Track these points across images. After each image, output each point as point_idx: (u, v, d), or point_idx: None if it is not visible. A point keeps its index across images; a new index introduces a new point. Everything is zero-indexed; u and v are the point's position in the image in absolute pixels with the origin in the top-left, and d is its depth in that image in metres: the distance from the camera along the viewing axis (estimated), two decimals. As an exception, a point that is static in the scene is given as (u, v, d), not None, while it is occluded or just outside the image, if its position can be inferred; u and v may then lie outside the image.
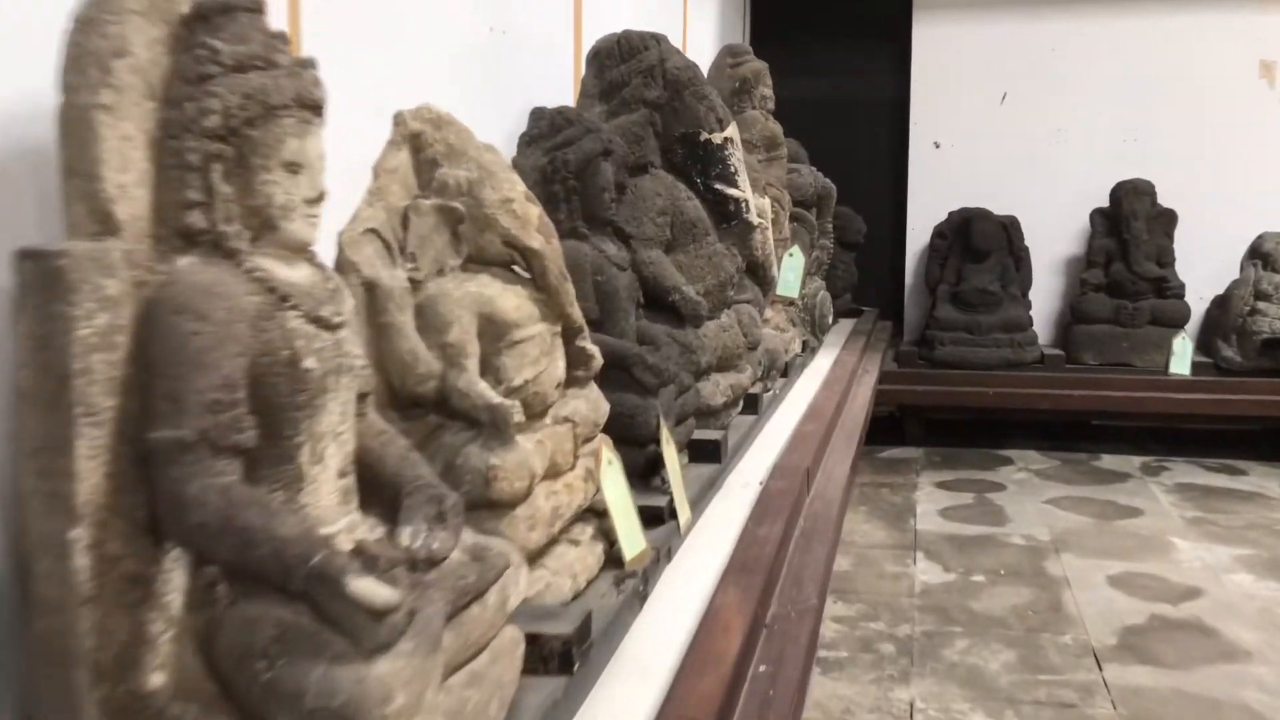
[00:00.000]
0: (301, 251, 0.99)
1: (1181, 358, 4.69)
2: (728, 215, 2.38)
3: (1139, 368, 4.77)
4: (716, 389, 2.30)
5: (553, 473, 1.41)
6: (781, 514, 1.82)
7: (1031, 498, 4.23)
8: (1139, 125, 5.21)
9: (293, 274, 0.97)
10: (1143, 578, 3.30)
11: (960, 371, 4.87)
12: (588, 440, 1.54)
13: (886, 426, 4.86)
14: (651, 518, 1.70)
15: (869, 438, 3.55)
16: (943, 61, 5.40)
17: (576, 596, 1.39)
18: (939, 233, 5.15)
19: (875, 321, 5.35)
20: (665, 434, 1.77)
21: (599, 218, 1.92)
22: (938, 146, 5.46)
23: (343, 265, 1.27)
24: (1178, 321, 4.79)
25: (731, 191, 2.36)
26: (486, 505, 1.28)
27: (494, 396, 1.29)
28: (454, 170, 1.38)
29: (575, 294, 1.83)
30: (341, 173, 1.27)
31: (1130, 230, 4.86)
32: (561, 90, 2.55)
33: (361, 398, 1.08)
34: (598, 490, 1.51)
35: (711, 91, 2.37)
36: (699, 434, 2.15)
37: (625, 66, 2.34)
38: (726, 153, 2.36)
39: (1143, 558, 3.49)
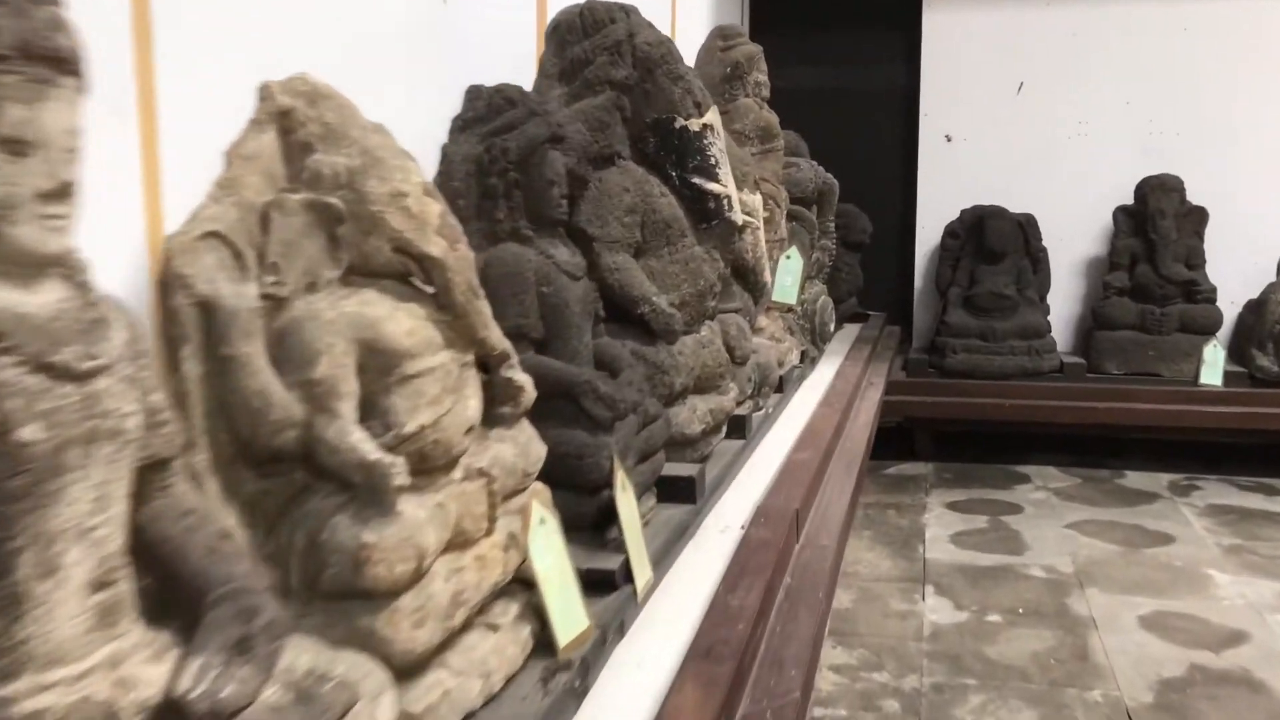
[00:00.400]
0: (42, 266, 0.70)
1: (1213, 367, 4.41)
2: (707, 214, 2.09)
3: (1166, 378, 4.51)
4: (693, 415, 2.01)
5: (459, 542, 1.12)
6: (762, 574, 1.53)
7: (1051, 521, 3.93)
8: (1166, 116, 4.92)
9: (21, 301, 0.68)
10: (1178, 618, 3.00)
11: (973, 381, 4.62)
12: (514, 494, 1.25)
13: (894, 438, 4.58)
14: (600, 583, 1.41)
15: (874, 451, 3.27)
16: (955, 48, 5.14)
17: (489, 702, 1.11)
18: (950, 232, 4.89)
19: (882, 327, 5.08)
20: (621, 478, 1.48)
21: (547, 217, 1.64)
22: (949, 140, 5.20)
23: (169, 280, 0.98)
24: (1209, 328, 4.52)
25: (711, 186, 2.07)
26: (359, 594, 0.99)
27: (370, 450, 1.00)
28: (331, 156, 1.09)
29: (515, 309, 1.55)
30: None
31: (1157, 229, 4.58)
32: (522, 70, 2.26)
33: (160, 465, 0.79)
34: (525, 559, 1.22)
35: (688, 71, 2.08)
36: (670, 469, 1.86)
37: (589, 42, 2.05)
38: (706, 142, 2.07)
39: (1177, 594, 3.19)
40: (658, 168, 2.06)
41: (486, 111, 1.64)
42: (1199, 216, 4.66)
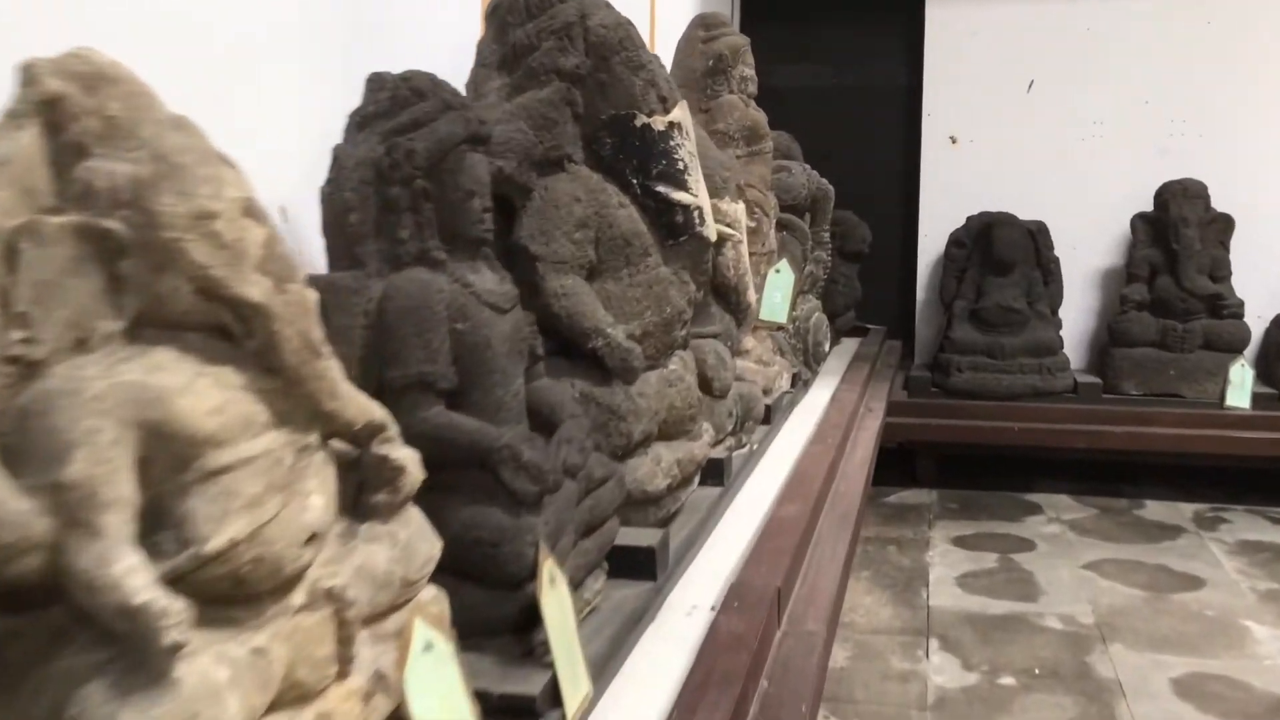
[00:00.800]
0: None
1: (1240, 388, 4.15)
2: (675, 228, 1.80)
3: (1189, 399, 4.25)
4: (657, 468, 1.72)
5: (293, 698, 0.82)
6: (731, 684, 1.24)
7: (1067, 560, 3.64)
8: (1189, 117, 4.66)
9: None
10: (1215, 681, 2.70)
11: (980, 403, 4.35)
12: (389, 614, 0.96)
13: (894, 461, 4.30)
14: (520, 712, 1.12)
15: (873, 477, 2.99)
16: (960, 43, 4.89)
17: None
18: (956, 241, 4.64)
19: (882, 342, 4.81)
20: (549, 568, 1.18)
21: (465, 235, 1.34)
22: (954, 142, 4.95)
23: None
24: (1235, 345, 4.25)
25: (679, 196, 1.78)
26: (116, 802, 0.69)
27: (137, 588, 0.70)
28: (110, 164, 0.79)
29: (418, 354, 1.25)
30: None
31: (1179, 239, 4.31)
32: (461, 59, 1.96)
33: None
34: (399, 704, 0.92)
35: (651, 59, 1.79)
36: (626, 537, 1.56)
37: (533, 25, 1.76)
38: (672, 143, 1.77)
39: (1211, 650, 2.89)
40: (615, 174, 1.77)
41: (390, 105, 1.34)
42: (1224, 225, 4.40)
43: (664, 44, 3.20)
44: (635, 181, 1.77)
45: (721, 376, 2.22)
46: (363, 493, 0.98)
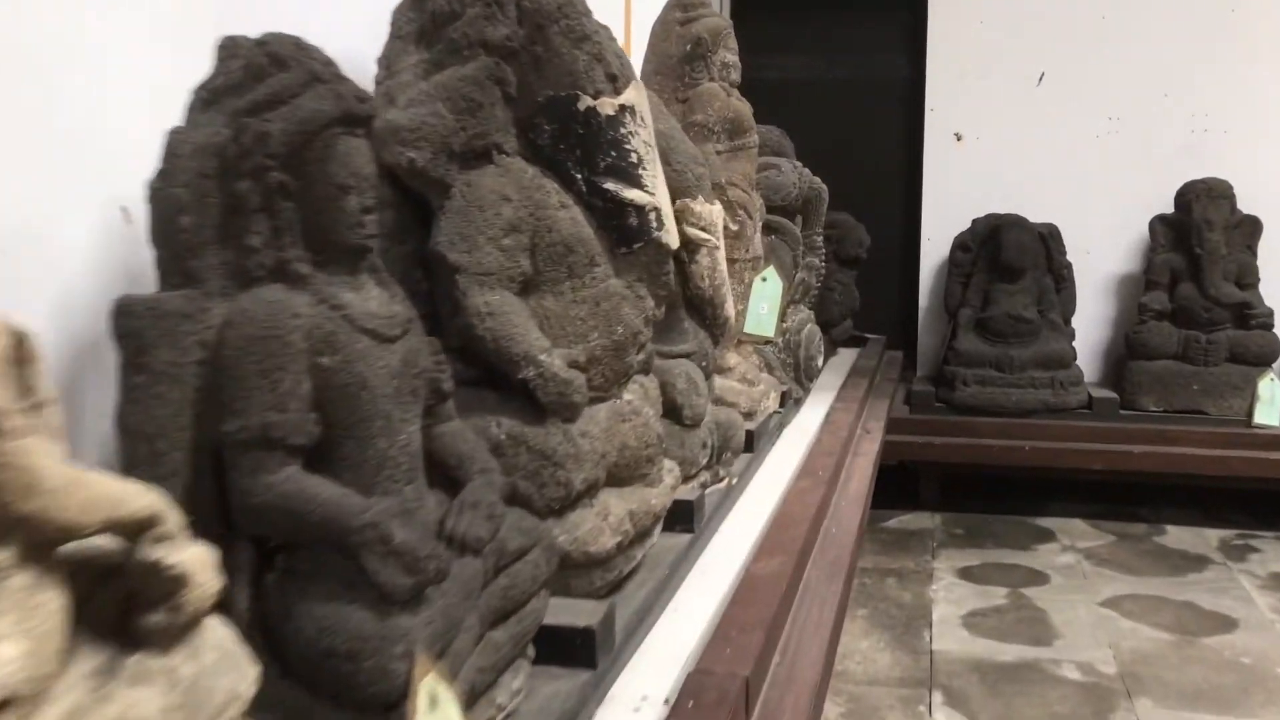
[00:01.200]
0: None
1: (1269, 405, 3.90)
2: (627, 233, 1.52)
3: (1214, 416, 4.02)
4: (604, 523, 1.44)
5: None
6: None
7: (1084, 596, 3.36)
8: (1213, 111, 4.44)
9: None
10: (1256, 745, 2.43)
11: (987, 420, 4.12)
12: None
13: (894, 480, 4.04)
14: None
15: (872, 499, 2.74)
16: (966, 33, 4.67)
17: None
18: (961, 244, 4.44)
19: (882, 353, 4.55)
20: (428, 687, 0.90)
21: (340, 243, 1.07)
22: (959, 139, 4.76)
23: None
24: (1264, 359, 4.02)
25: (631, 195, 1.50)
26: None
27: None
28: None
29: (262, 398, 0.97)
30: None
31: (1203, 242, 4.07)
32: (376, 31, 1.68)
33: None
34: None
35: (598, 29, 1.51)
36: (561, 612, 1.28)
37: (457, -12, 1.48)
38: (623, 131, 1.50)
39: (1249, 708, 2.61)
40: (555, 167, 1.49)
41: (243, 77, 1.06)
42: (1252, 227, 4.18)
43: (640, 29, 2.94)
44: (579, 177, 1.49)
45: (693, 403, 1.94)
46: (132, 611, 0.70)
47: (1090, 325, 4.51)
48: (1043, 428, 4.06)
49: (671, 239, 1.57)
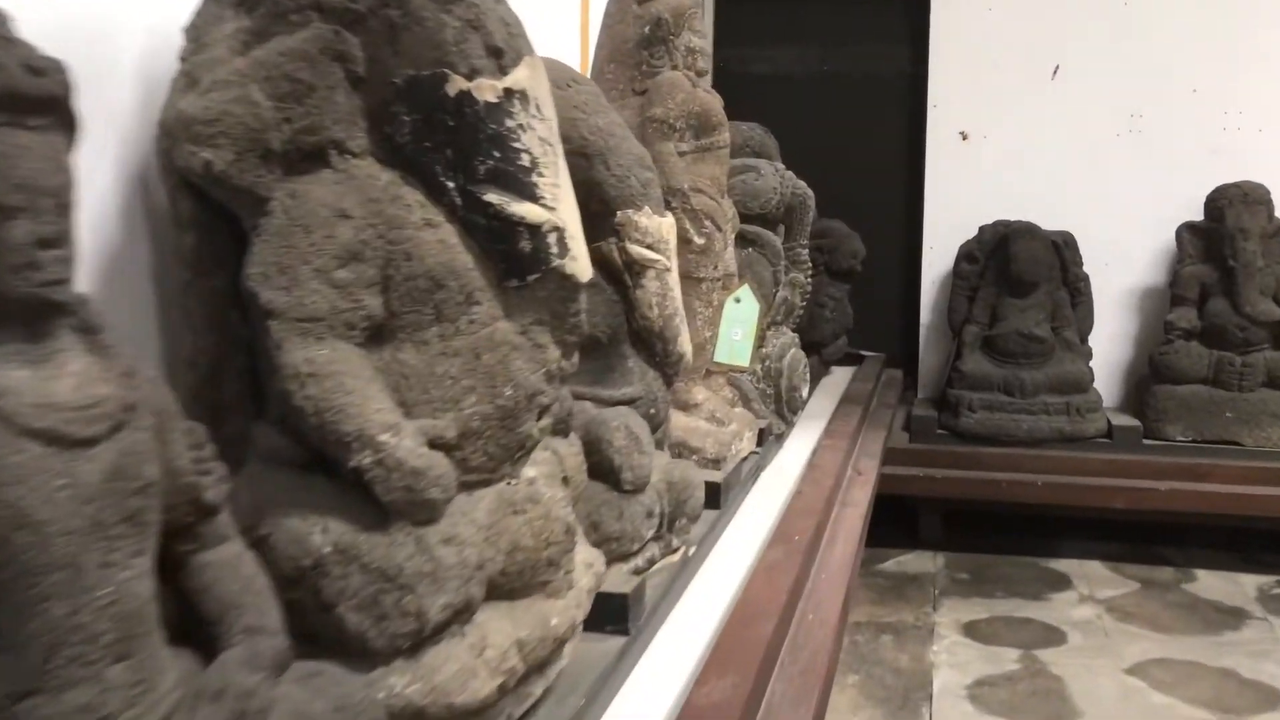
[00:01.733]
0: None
1: (1311, 435, 3.65)
2: (519, 261, 1.16)
3: (1249, 448, 3.73)
4: (478, 660, 1.08)
5: None
6: None
7: (1107, 661, 3.01)
8: (1246, 108, 4.17)
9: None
10: None
11: (996, 450, 3.82)
12: None
13: (892, 516, 3.70)
14: None
15: (867, 537, 2.46)
16: (972, 23, 4.43)
17: None
18: (967, 254, 4.18)
19: (880, 373, 4.24)
20: None
21: (3, 295, 0.70)
22: (965, 138, 4.51)
23: None
24: (1306, 383, 3.76)
25: (521, 210, 1.14)
26: None
27: None
28: None
29: None
30: None
31: (1237, 254, 3.79)
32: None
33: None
34: None
35: (476, -14, 1.14)
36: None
37: (285, -69, 1.12)
38: (511, 124, 1.13)
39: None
40: (419, 172, 1.13)
41: None
42: (1291, 237, 3.92)
43: (599, 9, 2.62)
44: (451, 185, 1.12)
45: (634, 464, 1.61)
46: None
47: (1109, 345, 4.25)
48: (1057, 460, 3.77)
49: (580, 268, 1.20)
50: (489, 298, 1.15)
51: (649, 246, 1.75)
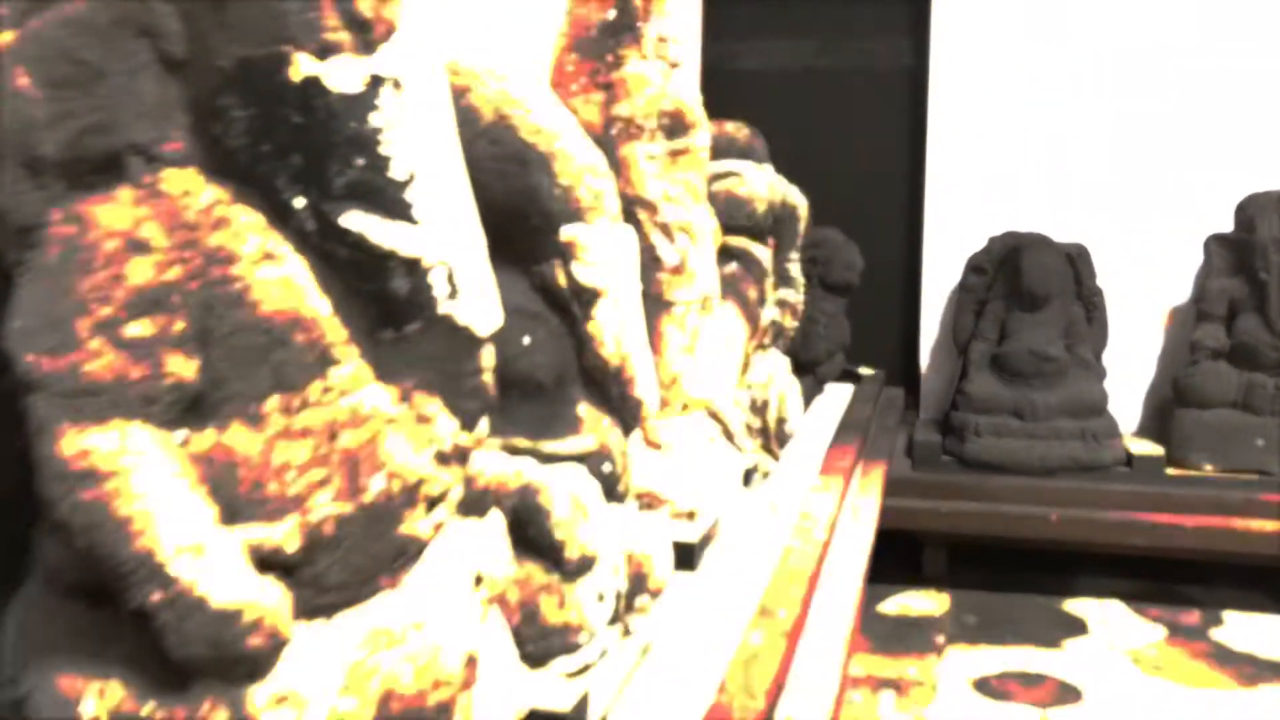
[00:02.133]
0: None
1: (1350, 465, 3.49)
2: (393, 305, 0.88)
3: None
4: None
5: None
6: None
7: (1132, 724, 2.76)
8: None
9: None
10: None
11: (1005, 480, 3.63)
12: None
13: (893, 546, 3.44)
14: None
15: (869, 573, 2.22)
16: (977, 15, 4.29)
17: None
18: (975, 266, 4.06)
19: (879, 393, 4.00)
20: None
21: None
22: (970, 140, 4.36)
23: None
24: (1344, 408, 3.60)
25: (391, 236, 0.85)
26: None
27: None
28: None
29: None
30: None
31: (1270, 267, 3.66)
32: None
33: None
34: None
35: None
36: None
37: None
38: (379, 120, 0.85)
39: None
40: (258, 185, 0.84)
41: None
42: (1328, 249, 3.77)
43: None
44: (299, 204, 0.84)
45: (578, 539, 1.34)
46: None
47: (1127, 364, 4.07)
48: (1072, 492, 3.57)
49: (479, 315, 0.91)
50: (353, 356, 0.87)
51: (591, 263, 1.49)
